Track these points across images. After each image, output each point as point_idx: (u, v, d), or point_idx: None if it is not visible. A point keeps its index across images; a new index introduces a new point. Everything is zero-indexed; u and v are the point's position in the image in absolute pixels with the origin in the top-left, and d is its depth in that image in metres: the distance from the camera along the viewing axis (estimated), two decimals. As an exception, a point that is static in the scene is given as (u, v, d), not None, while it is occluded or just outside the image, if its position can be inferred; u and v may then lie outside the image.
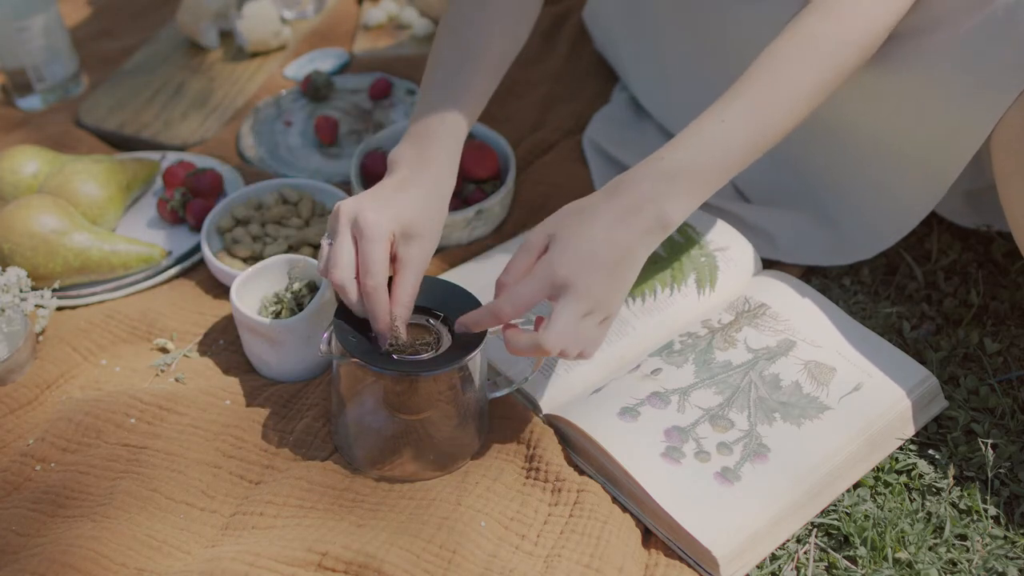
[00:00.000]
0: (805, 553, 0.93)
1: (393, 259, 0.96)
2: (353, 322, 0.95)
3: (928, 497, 0.97)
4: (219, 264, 1.17)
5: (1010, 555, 0.92)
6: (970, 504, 0.95)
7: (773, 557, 0.93)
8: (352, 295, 0.94)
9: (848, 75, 0.99)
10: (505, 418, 1.02)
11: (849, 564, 0.92)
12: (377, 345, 0.95)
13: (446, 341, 0.96)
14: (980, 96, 0.98)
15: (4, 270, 1.12)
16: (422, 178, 0.98)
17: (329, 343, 0.96)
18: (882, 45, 1.03)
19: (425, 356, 0.94)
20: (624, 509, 0.95)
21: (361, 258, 0.93)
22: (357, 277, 0.94)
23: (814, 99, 0.97)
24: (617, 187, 0.93)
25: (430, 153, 0.99)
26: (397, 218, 0.94)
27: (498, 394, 1.01)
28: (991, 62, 0.98)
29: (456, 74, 1.03)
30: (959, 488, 0.97)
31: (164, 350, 1.13)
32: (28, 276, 1.13)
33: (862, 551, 0.92)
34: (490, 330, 0.95)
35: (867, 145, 1.12)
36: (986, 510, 0.95)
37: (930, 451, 1.00)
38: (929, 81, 1.02)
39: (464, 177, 1.26)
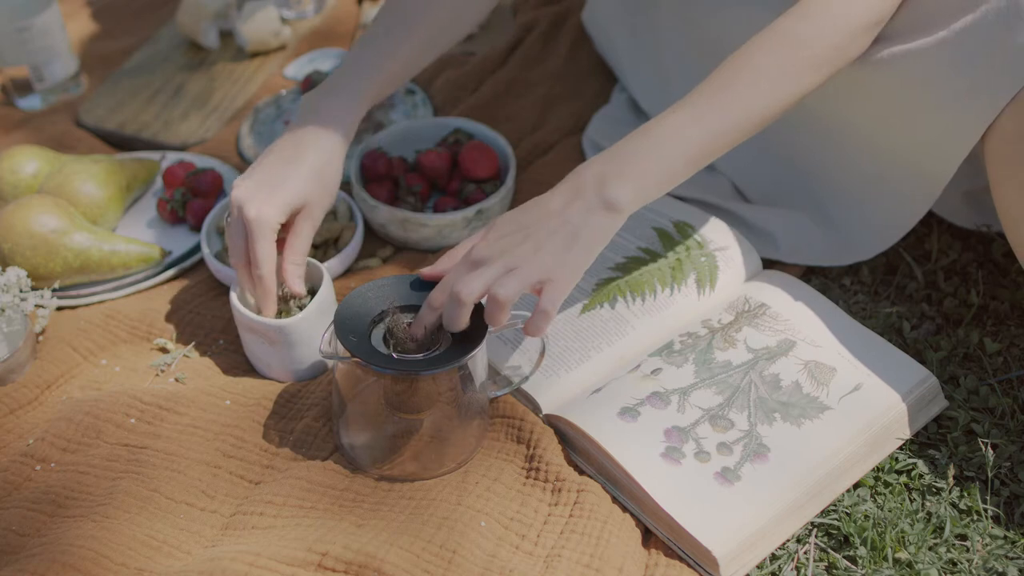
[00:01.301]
0: (805, 553, 0.93)
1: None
2: (353, 322, 0.95)
3: (928, 497, 0.97)
4: (219, 264, 1.17)
5: (1010, 555, 0.92)
6: (970, 504, 0.95)
7: (773, 557, 0.93)
8: (244, 281, 1.04)
9: (825, 72, 0.98)
10: (505, 418, 1.02)
11: (849, 564, 0.92)
12: (383, 343, 0.95)
13: (446, 340, 0.96)
14: (972, 100, 0.98)
15: (4, 270, 1.12)
16: (314, 142, 1.04)
17: (329, 343, 0.96)
18: (876, 47, 1.03)
19: (424, 355, 0.94)
20: (624, 509, 0.95)
21: (250, 251, 1.01)
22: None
23: (784, 97, 0.97)
24: (567, 176, 0.96)
25: (329, 111, 1.06)
26: (284, 205, 1.01)
27: (498, 394, 1.01)
28: (983, 66, 0.97)
29: (384, 35, 1.10)
30: (959, 488, 0.97)
31: (164, 350, 1.13)
32: (28, 276, 1.13)
33: (862, 551, 0.92)
34: (490, 328, 0.95)
35: (863, 146, 1.12)
36: (986, 510, 0.95)
37: (930, 451, 1.00)
38: (921, 83, 1.02)
39: (464, 177, 1.26)
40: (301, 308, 1.06)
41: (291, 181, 1.02)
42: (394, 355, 0.94)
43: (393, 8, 1.12)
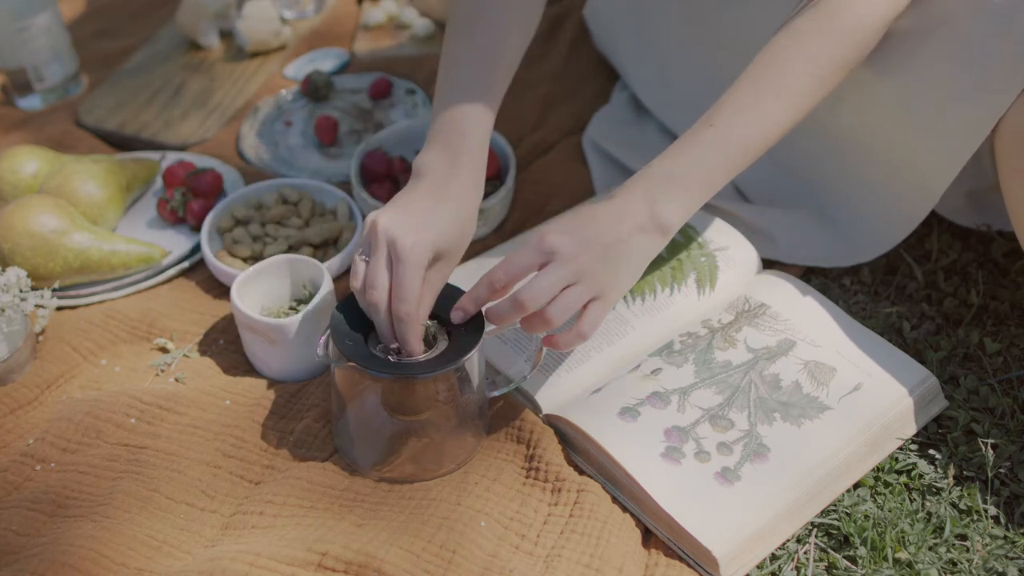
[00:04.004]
0: (805, 553, 0.93)
1: None
2: (349, 324, 0.95)
3: (928, 497, 0.97)
4: (219, 264, 1.17)
5: (1010, 555, 0.92)
6: (970, 504, 0.95)
7: (773, 557, 0.93)
8: (384, 317, 0.93)
9: (845, 72, 0.99)
10: (505, 418, 1.02)
11: (849, 564, 0.92)
12: (379, 345, 0.95)
13: (442, 342, 0.96)
14: (981, 95, 0.98)
15: (4, 270, 1.12)
16: (455, 191, 0.96)
17: (326, 347, 0.96)
18: (882, 46, 1.03)
19: (422, 357, 0.94)
20: (624, 509, 0.95)
21: (396, 283, 0.92)
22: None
23: (810, 97, 0.97)
24: (614, 193, 0.95)
25: (461, 161, 0.97)
26: (434, 243, 0.93)
27: (497, 393, 1.01)
28: (991, 61, 0.97)
29: (476, 75, 1.01)
30: (959, 488, 0.97)
31: (164, 350, 1.13)
32: (28, 276, 1.13)
33: (862, 551, 0.92)
34: (487, 329, 0.95)
35: (866, 147, 1.12)
36: (986, 510, 0.95)
37: (930, 451, 1.00)
38: (929, 81, 1.02)
39: (464, 177, 1.26)
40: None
41: (438, 223, 0.94)
42: (391, 358, 0.94)
43: (467, 43, 1.03)
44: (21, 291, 1.10)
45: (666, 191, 0.93)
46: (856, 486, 0.98)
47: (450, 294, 0.98)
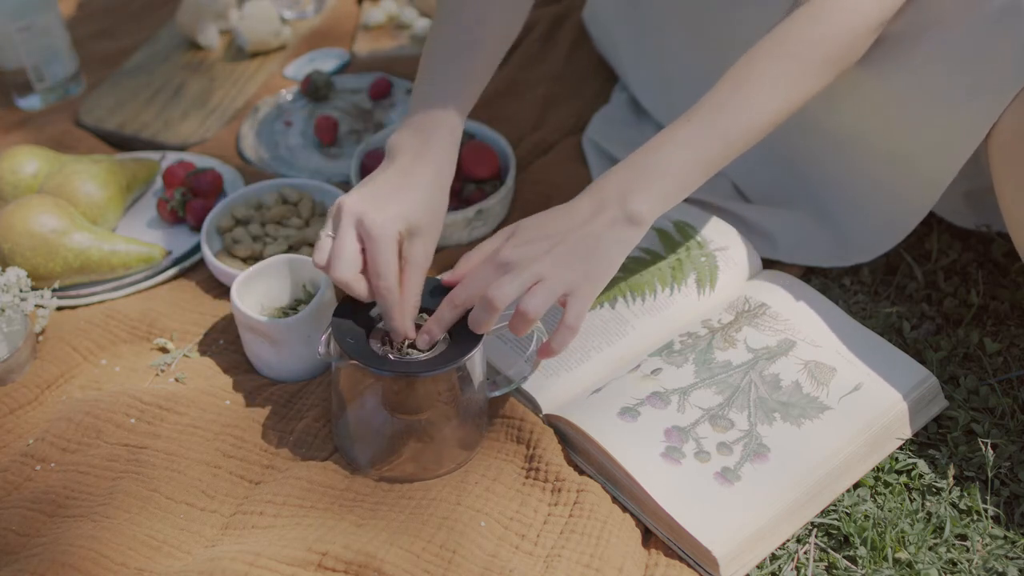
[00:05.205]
0: (805, 553, 0.93)
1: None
2: (351, 323, 0.95)
3: (928, 497, 0.97)
4: (219, 264, 1.17)
5: (1010, 555, 0.92)
6: (970, 504, 0.95)
7: (773, 557, 0.93)
8: (357, 290, 0.94)
9: (833, 71, 0.98)
10: (505, 418, 1.02)
11: (849, 564, 0.92)
12: (380, 344, 0.95)
13: (444, 341, 0.96)
14: (975, 98, 0.98)
15: (4, 270, 1.12)
16: (424, 168, 0.97)
17: (327, 345, 0.96)
18: (877, 48, 1.03)
19: (423, 356, 0.94)
20: (624, 509, 0.95)
21: (371, 261, 0.93)
22: (363, 273, 0.94)
23: (793, 97, 0.97)
24: (588, 188, 0.96)
25: (431, 141, 0.98)
26: (403, 216, 0.94)
27: (497, 393, 1.01)
28: (986, 64, 0.97)
29: (455, 59, 1.02)
30: (959, 488, 0.97)
31: (164, 350, 1.13)
32: (28, 276, 1.13)
33: (862, 551, 0.92)
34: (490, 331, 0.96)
35: (864, 148, 1.12)
36: (986, 510, 0.95)
37: (930, 451, 1.00)
38: (925, 84, 1.02)
39: (464, 177, 1.26)
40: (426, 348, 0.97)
41: (406, 198, 0.95)
42: (392, 356, 0.94)
43: (450, 27, 1.05)
44: (21, 291, 1.10)
45: (640, 182, 0.94)
46: (856, 486, 0.98)
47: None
